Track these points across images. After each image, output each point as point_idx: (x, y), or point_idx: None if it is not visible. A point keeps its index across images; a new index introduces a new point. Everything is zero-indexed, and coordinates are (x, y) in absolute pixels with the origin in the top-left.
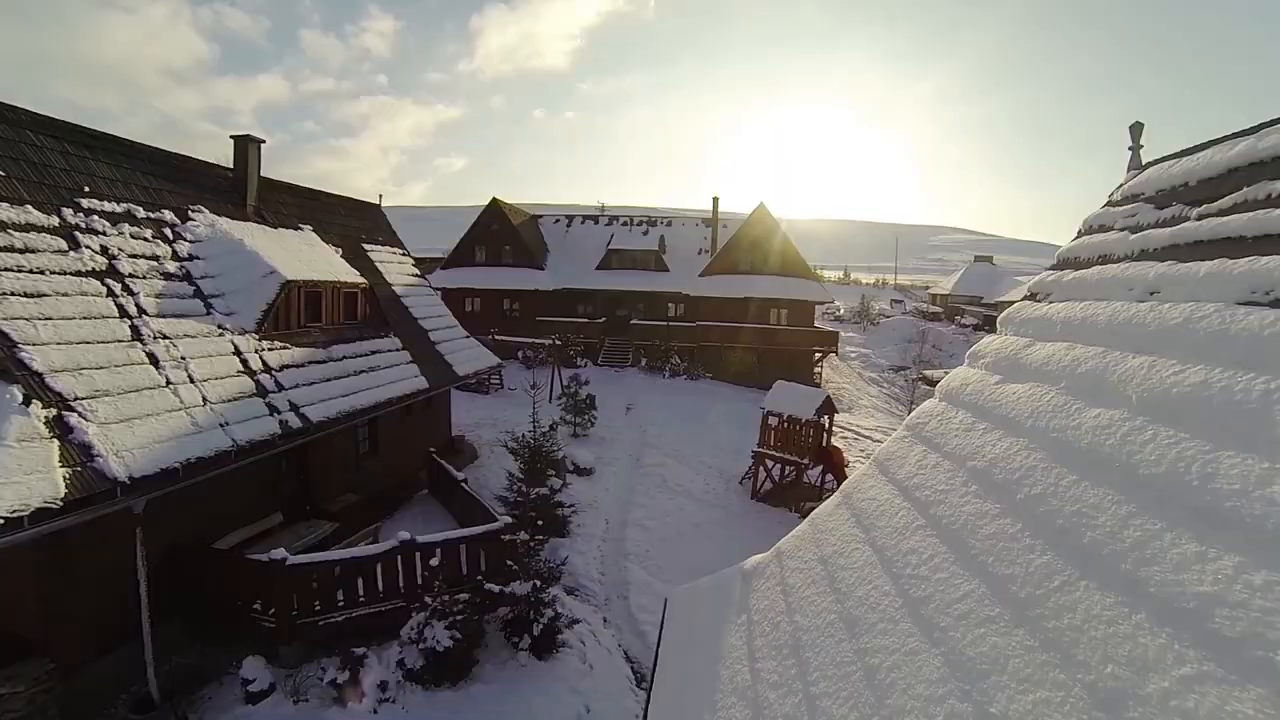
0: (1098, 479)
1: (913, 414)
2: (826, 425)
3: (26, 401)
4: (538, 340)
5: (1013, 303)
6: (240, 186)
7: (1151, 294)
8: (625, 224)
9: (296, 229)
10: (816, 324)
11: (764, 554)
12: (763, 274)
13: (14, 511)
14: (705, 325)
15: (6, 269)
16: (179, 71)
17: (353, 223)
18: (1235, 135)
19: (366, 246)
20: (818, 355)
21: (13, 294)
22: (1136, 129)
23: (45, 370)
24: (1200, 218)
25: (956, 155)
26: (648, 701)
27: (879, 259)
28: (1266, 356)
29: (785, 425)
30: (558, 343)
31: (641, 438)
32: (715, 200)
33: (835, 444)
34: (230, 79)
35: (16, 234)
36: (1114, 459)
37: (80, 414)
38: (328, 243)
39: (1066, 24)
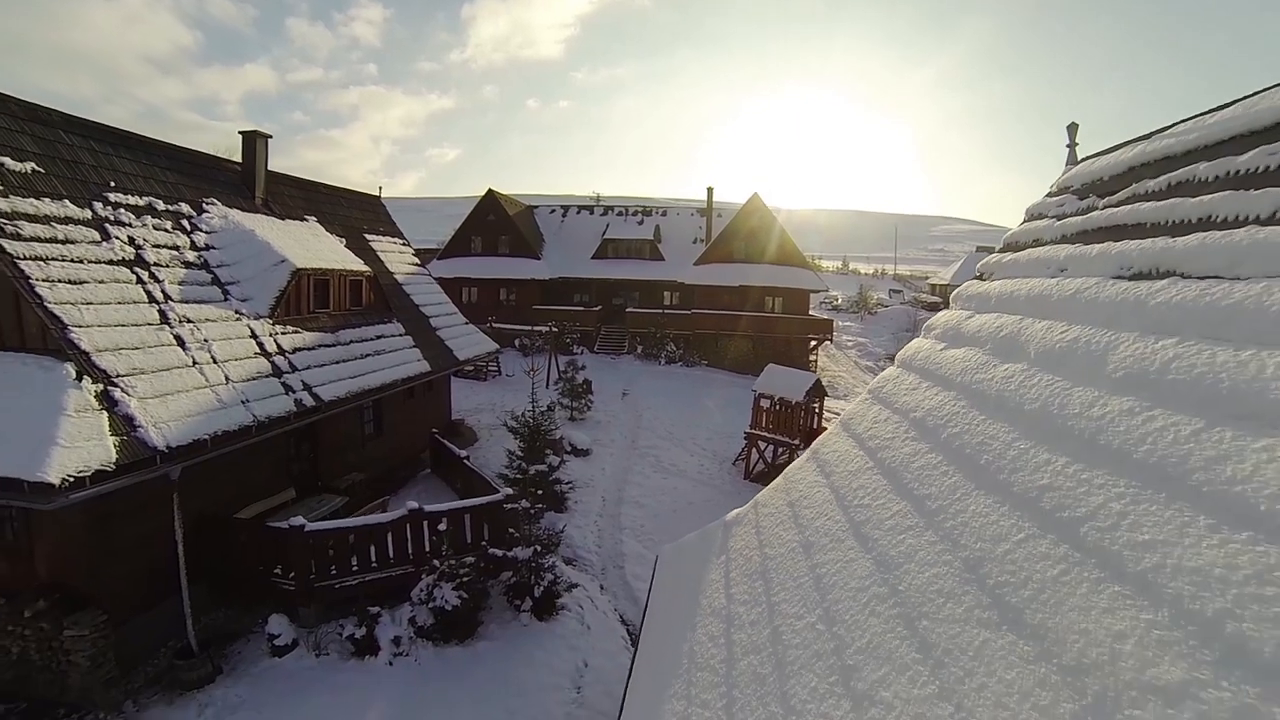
0: (997, 417)
1: (875, 380)
2: (817, 408)
3: (79, 377)
4: (535, 328)
5: None
6: (249, 180)
7: (1061, 271)
8: (620, 214)
9: (302, 220)
10: (812, 312)
11: (744, 507)
12: (757, 263)
13: (79, 472)
14: (700, 313)
15: (53, 258)
16: (161, 60)
17: (354, 213)
18: (1140, 138)
19: (368, 236)
20: (813, 343)
21: (60, 281)
22: (1073, 129)
23: (91, 350)
24: (1103, 208)
25: (959, 144)
26: (639, 636)
27: (879, 249)
28: (1119, 317)
29: (777, 407)
30: (555, 330)
31: (637, 421)
32: (710, 190)
33: (825, 426)
34: (215, 68)
35: (59, 226)
36: (1010, 401)
37: (122, 389)
38: (331, 233)
39: (1071, 9)
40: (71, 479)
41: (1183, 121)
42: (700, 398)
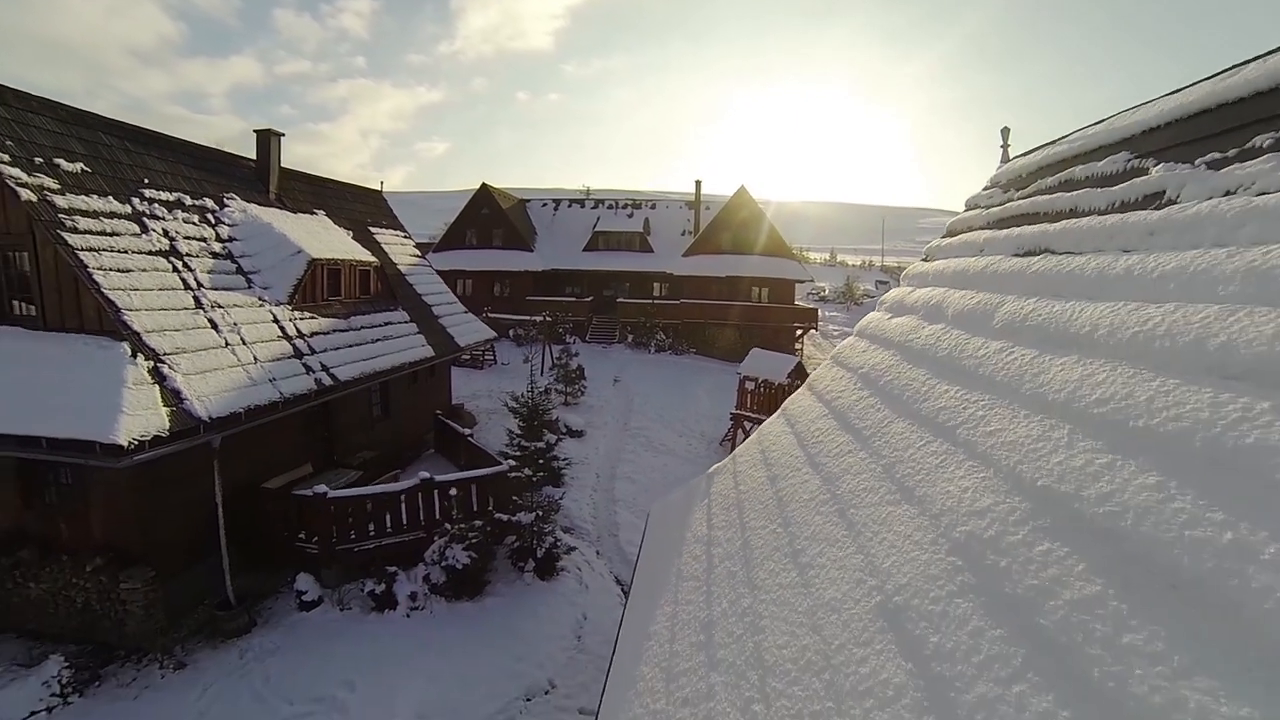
0: (919, 365)
1: (836, 348)
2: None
3: (134, 355)
4: (529, 318)
5: None
6: (263, 175)
7: (980, 251)
8: (611, 207)
9: (311, 213)
10: (799, 302)
11: (724, 459)
12: (744, 254)
13: (142, 436)
14: (689, 303)
15: (103, 249)
16: (145, 52)
17: (358, 207)
18: (1049, 143)
19: (372, 229)
20: (799, 331)
21: (111, 269)
22: (1005, 132)
23: (141, 330)
24: (1015, 200)
25: (948, 137)
26: (635, 572)
27: (867, 241)
28: (1008, 284)
29: (761, 389)
30: (548, 320)
31: (628, 405)
32: (698, 183)
33: None
34: (200, 60)
35: (106, 220)
36: (929, 353)
37: (169, 366)
38: (339, 225)
39: (1063, 2)
40: (137, 442)
41: (1080, 130)
42: (689, 384)
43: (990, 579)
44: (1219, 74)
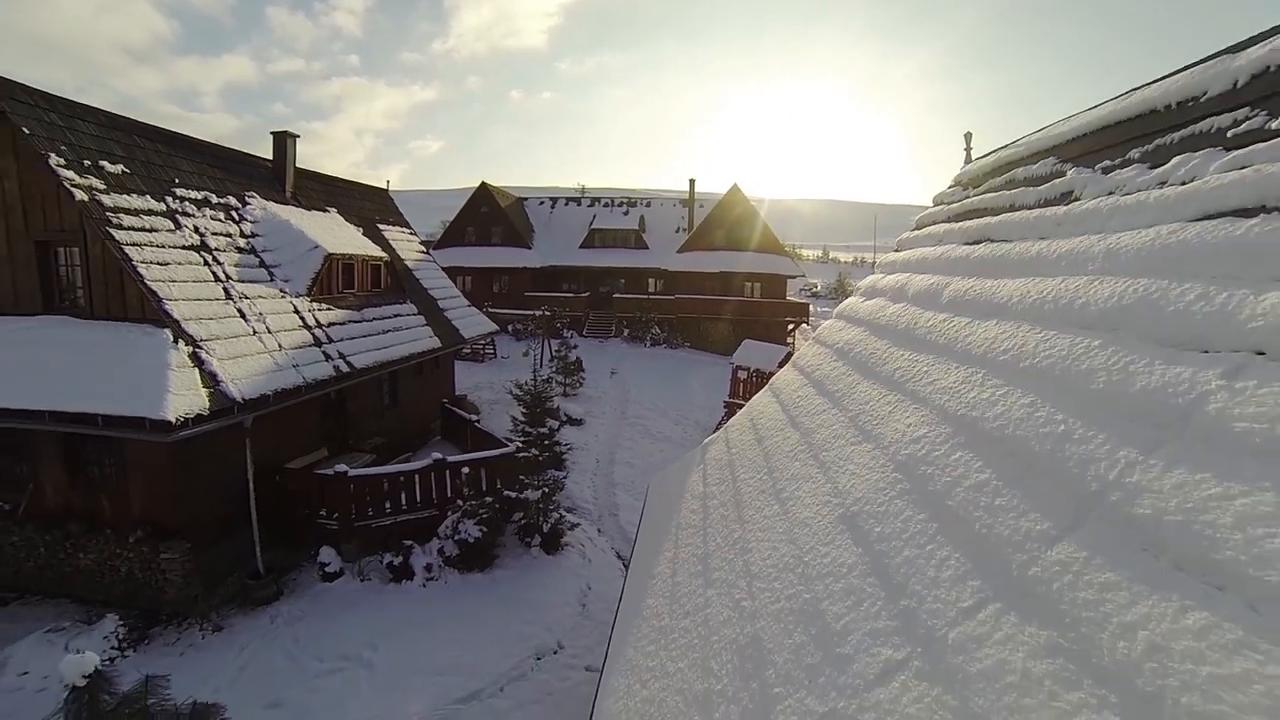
0: (883, 337)
1: (818, 329)
2: None
3: (175, 341)
4: (527, 312)
5: None
6: (279, 175)
7: (939, 242)
8: (607, 205)
9: (324, 211)
10: (791, 298)
11: (718, 431)
12: (737, 250)
13: (187, 414)
14: (683, 298)
15: (144, 244)
16: (137, 50)
17: (367, 205)
18: (1002, 147)
19: (380, 226)
20: (790, 325)
21: (152, 263)
22: (968, 136)
23: (180, 319)
24: (971, 197)
25: (941, 135)
26: (637, 534)
27: (860, 238)
28: (956, 268)
29: (753, 378)
30: (547, 314)
31: (625, 396)
32: (692, 182)
33: None
34: (193, 58)
35: (145, 218)
36: (891, 327)
37: (206, 351)
38: (349, 222)
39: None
40: (183, 419)
41: (1026, 136)
42: (684, 376)
43: (919, 483)
44: (1119, 95)
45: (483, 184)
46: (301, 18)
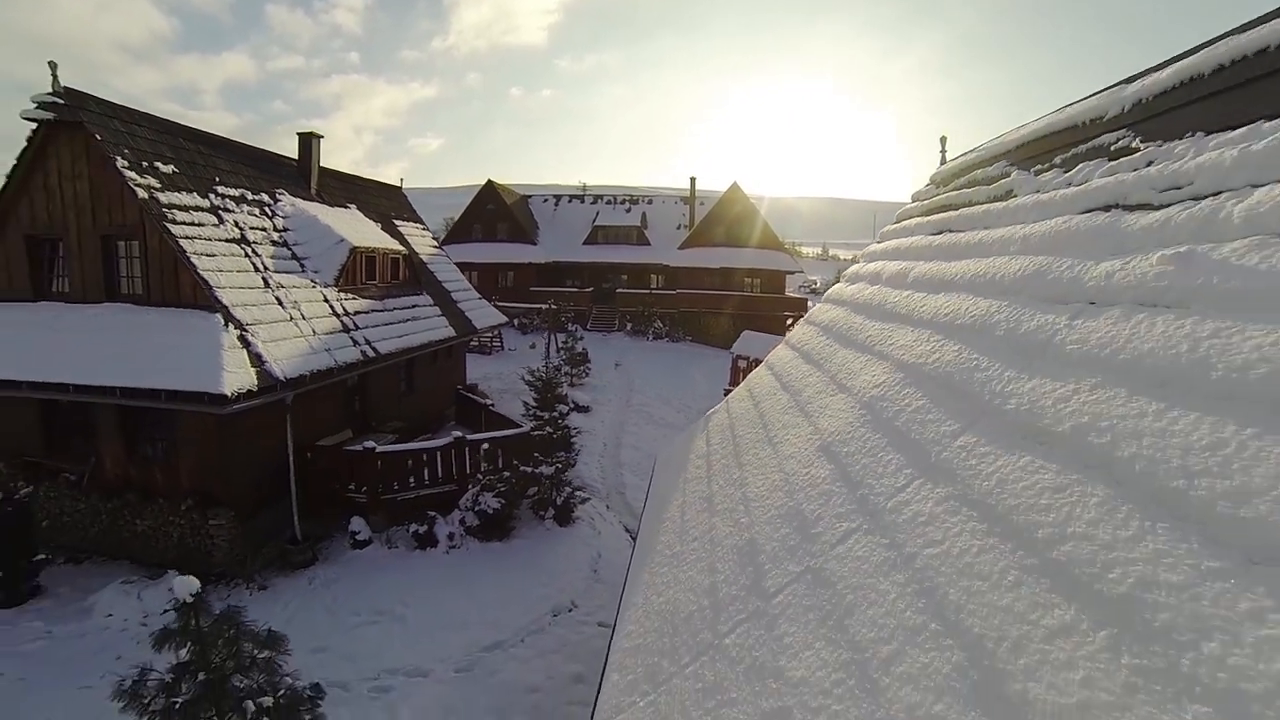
0: (861, 314)
1: (809, 312)
2: None
3: (226, 324)
4: (533, 306)
5: None
6: (305, 173)
7: (912, 233)
8: (609, 202)
9: (345, 207)
10: (789, 293)
11: (719, 404)
12: (736, 246)
13: (241, 389)
14: (684, 293)
15: (196, 237)
16: (136, 48)
17: (383, 202)
18: (968, 151)
19: (396, 222)
20: (789, 320)
21: (202, 254)
22: (943, 140)
23: (229, 305)
24: (940, 194)
25: (939, 132)
26: (646, 498)
27: (859, 236)
28: (922, 254)
29: (752, 366)
30: (554, 307)
31: (629, 386)
32: (692, 180)
33: None
34: (193, 56)
35: (194, 214)
36: (866, 305)
37: (251, 335)
38: (369, 218)
39: None
40: (237, 393)
41: (989, 141)
42: (685, 367)
43: (878, 414)
44: (1056, 110)
45: (489, 182)
46: (301, 15)
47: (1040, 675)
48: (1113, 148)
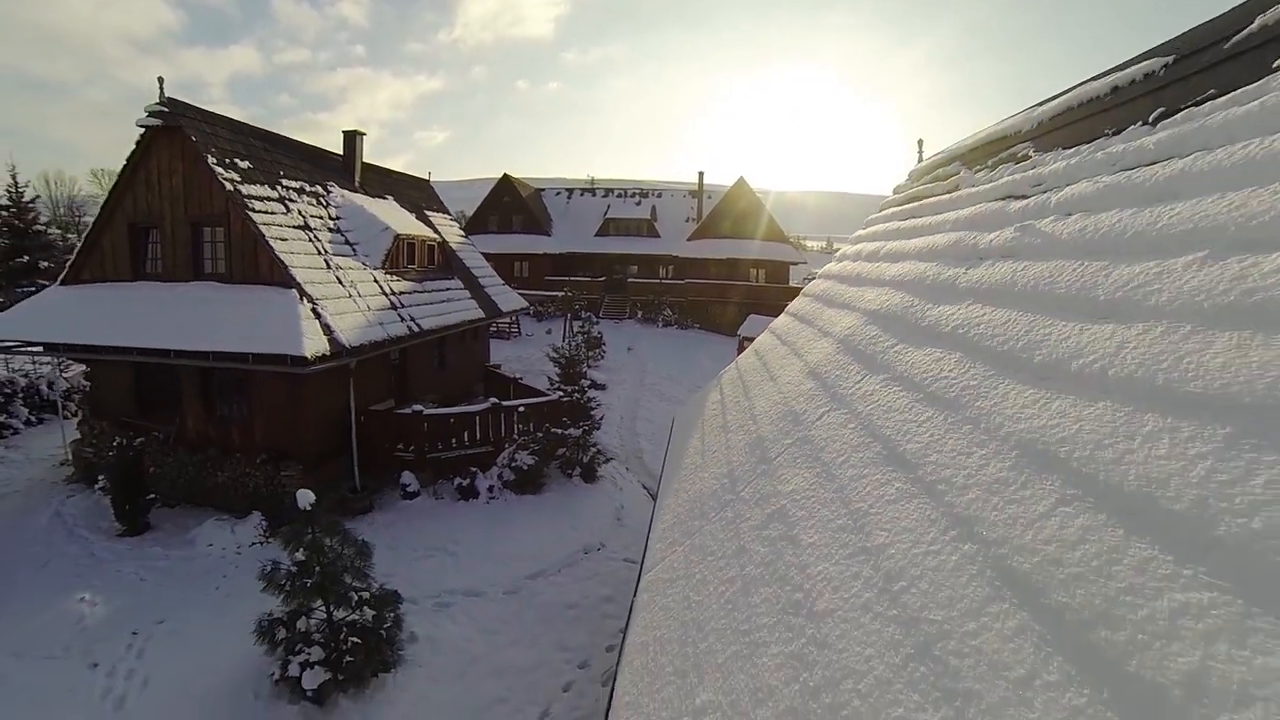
0: (842, 283)
1: (805, 287)
2: None
3: (301, 298)
4: (548, 294)
5: None
6: (349, 167)
7: (889, 220)
8: (620, 196)
9: (384, 198)
10: (793, 284)
11: (729, 365)
12: (742, 238)
13: (318, 353)
14: (692, 283)
15: (271, 224)
16: (143, 41)
17: (414, 193)
18: (942, 150)
19: (427, 212)
20: None
21: (276, 239)
22: (920, 143)
23: (302, 282)
24: (914, 186)
25: (945, 126)
26: (666, 451)
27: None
28: (894, 235)
29: None
30: (569, 295)
31: (642, 368)
32: (700, 175)
33: None
34: (199, 49)
35: (267, 203)
36: (849, 277)
37: (320, 308)
38: (404, 209)
39: None
40: (316, 355)
41: (953, 144)
42: (694, 352)
43: (847, 345)
44: (999, 121)
45: (505, 175)
46: (307, 8)
47: (929, 455)
48: (1018, 156)
